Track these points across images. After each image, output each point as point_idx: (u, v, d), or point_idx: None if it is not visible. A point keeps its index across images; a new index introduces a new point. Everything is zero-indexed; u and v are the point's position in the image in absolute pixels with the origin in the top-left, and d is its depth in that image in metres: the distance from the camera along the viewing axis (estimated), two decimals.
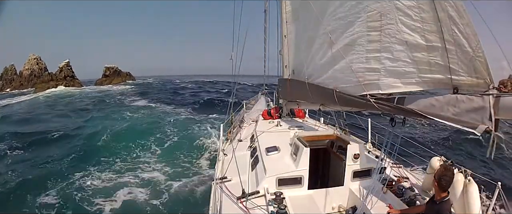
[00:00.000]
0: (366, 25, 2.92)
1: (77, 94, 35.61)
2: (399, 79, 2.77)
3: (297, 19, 5.08)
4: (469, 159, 9.24)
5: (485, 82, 2.18)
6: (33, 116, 19.82)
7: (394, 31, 2.64)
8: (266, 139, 4.51)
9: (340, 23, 3.28)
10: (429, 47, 2.43)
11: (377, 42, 2.86)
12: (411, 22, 2.51)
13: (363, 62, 3.08)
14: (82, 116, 19.58)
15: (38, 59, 49.78)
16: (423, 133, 12.42)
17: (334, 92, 3.42)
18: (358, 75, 3.12)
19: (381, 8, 2.71)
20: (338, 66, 3.48)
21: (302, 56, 4.71)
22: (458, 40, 2.22)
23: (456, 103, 2.25)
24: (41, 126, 15.98)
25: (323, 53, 3.82)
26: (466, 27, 2.17)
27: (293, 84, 5.17)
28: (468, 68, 2.24)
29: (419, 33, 2.46)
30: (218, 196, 3.48)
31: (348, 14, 3.15)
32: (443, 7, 2.24)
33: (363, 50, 3.03)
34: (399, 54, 2.68)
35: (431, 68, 2.48)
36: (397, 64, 2.73)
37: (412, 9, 2.46)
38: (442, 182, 2.35)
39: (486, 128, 2.06)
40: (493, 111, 2.04)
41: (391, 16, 2.63)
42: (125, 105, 24.58)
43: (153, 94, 33.93)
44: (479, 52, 2.15)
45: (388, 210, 2.97)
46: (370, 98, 2.88)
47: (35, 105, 26.69)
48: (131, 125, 15.04)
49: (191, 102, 24.69)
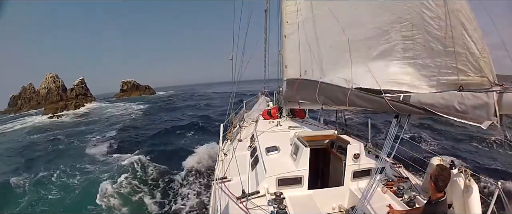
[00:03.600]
0: (400, 35, 3.18)
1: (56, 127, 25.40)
2: (425, 83, 2.97)
3: (305, 19, 5.07)
4: (469, 159, 9.23)
5: (488, 80, 2.36)
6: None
7: (423, 40, 2.90)
8: (266, 139, 4.51)
9: (377, 32, 3.50)
10: (447, 52, 2.64)
11: (411, 50, 3.11)
12: (433, 31, 2.74)
13: (394, 68, 3.32)
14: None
15: (54, 77, 48.54)
16: (423, 133, 12.41)
17: (349, 92, 3.59)
18: (383, 79, 3.34)
19: (412, 20, 2.97)
20: (362, 70, 3.67)
21: (315, 57, 4.84)
22: (467, 43, 2.42)
23: (462, 100, 2.40)
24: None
25: (347, 56, 3.98)
26: (474, 32, 2.37)
27: (302, 85, 5.18)
28: (475, 68, 2.43)
29: (440, 40, 2.69)
30: (218, 196, 3.48)
31: (383, 24, 3.40)
32: (456, 15, 2.45)
33: (399, 57, 3.26)
34: (425, 60, 2.92)
35: (448, 70, 2.68)
36: (425, 69, 2.96)
37: (433, 19, 2.71)
38: (439, 183, 2.34)
39: (491, 123, 2.21)
40: (497, 106, 2.18)
41: (419, 27, 2.91)
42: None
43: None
44: (484, 53, 2.34)
45: (388, 210, 2.97)
46: (384, 97, 3.06)
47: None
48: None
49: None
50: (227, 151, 5.13)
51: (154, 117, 25.96)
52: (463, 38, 2.43)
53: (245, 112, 8.47)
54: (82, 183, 8.93)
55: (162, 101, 42.94)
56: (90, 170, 10.17)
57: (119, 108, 37.45)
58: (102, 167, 10.35)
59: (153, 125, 20.87)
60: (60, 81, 48.76)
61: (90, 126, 23.75)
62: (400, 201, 3.13)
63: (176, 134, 15.66)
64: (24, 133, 23.30)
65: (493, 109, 2.18)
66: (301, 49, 5.37)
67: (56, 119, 32.94)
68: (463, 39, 2.43)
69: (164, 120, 22.83)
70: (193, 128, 16.48)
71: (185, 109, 30.08)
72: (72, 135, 19.27)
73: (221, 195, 3.45)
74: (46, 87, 47.61)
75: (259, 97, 9.36)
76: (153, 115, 27.29)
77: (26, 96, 50.98)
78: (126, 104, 41.06)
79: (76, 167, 10.50)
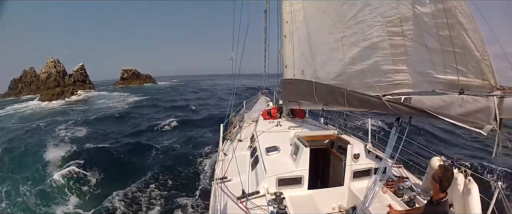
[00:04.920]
0: (386, 30, 3.07)
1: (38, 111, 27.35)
2: (418, 80, 2.93)
3: (303, 19, 5.07)
4: (469, 158, 9.23)
5: (490, 84, 2.31)
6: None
7: (416, 36, 2.80)
8: (266, 139, 4.51)
9: (359, 27, 3.42)
10: (444, 51, 2.57)
11: (401, 47, 3.01)
12: (428, 28, 2.65)
13: (384, 65, 3.24)
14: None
15: (55, 62, 48.02)
16: (423, 132, 12.41)
17: (345, 92, 3.53)
18: (375, 77, 3.28)
19: (400, 14, 2.86)
20: (354, 68, 3.60)
21: (309, 56, 4.77)
22: (467, 44, 2.35)
23: (462, 104, 2.36)
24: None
25: (335, 54, 3.93)
26: (474, 33, 2.29)
27: (298, 85, 5.18)
28: (476, 71, 2.37)
29: (435, 38, 2.61)
30: (218, 196, 3.48)
31: (366, 19, 3.29)
32: (453, 14, 2.36)
33: (387, 53, 3.18)
34: (420, 57, 2.84)
35: (446, 70, 2.63)
36: (419, 66, 2.89)
37: (427, 15, 2.62)
38: (443, 183, 2.35)
39: (492, 127, 2.16)
40: (498, 111, 2.13)
41: (411, 22, 2.80)
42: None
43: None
44: (485, 56, 2.28)
45: (388, 210, 2.97)
46: (382, 97, 3.00)
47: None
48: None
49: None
50: (227, 151, 5.13)
51: (144, 110, 24.11)
52: (462, 39, 2.37)
53: (245, 112, 8.47)
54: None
55: (160, 93, 41.41)
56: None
57: (113, 99, 35.59)
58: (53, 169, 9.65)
59: (138, 120, 19.51)
60: (61, 66, 48.42)
61: (71, 116, 21.89)
62: (400, 201, 3.13)
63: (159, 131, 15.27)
64: (12, 120, 22.60)
65: (493, 113, 2.15)
66: (297, 49, 5.38)
67: (46, 104, 32.86)
68: (462, 40, 2.37)
69: (152, 116, 20.88)
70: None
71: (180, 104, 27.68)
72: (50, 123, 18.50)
73: (221, 195, 3.45)
74: (47, 72, 47.10)
75: (259, 97, 9.37)
76: (144, 108, 25.43)
77: (26, 80, 50.14)
78: (123, 94, 39.69)
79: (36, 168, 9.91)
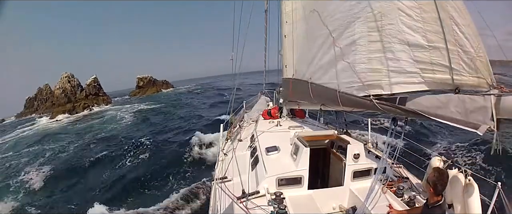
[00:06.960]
0: (366, 26, 2.92)
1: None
2: (401, 80, 2.77)
3: (299, 19, 5.08)
4: (469, 158, 9.23)
5: (486, 82, 2.21)
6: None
7: (395, 32, 2.65)
8: (266, 139, 4.51)
9: (340, 23, 3.31)
10: (431, 47, 2.44)
11: (378, 42, 2.87)
12: (412, 23, 2.51)
13: (365, 63, 3.10)
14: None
15: (69, 77, 46.44)
16: (423, 132, 12.40)
17: (337, 93, 3.45)
18: (361, 75, 3.13)
19: (381, 9, 2.71)
20: (340, 67, 3.50)
21: (304, 56, 4.72)
22: (460, 40, 2.23)
23: (458, 103, 2.27)
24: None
25: (324, 53, 3.85)
26: (467, 27, 2.18)
27: (296, 85, 5.18)
28: (470, 68, 2.26)
29: (420, 33, 2.47)
30: (218, 196, 3.48)
31: (348, 15, 3.16)
32: (444, 7, 2.25)
33: (365, 50, 3.03)
34: (400, 54, 2.69)
35: (434, 68, 2.49)
36: (399, 64, 2.73)
37: (413, 9, 2.47)
38: (438, 187, 2.28)
39: (488, 127, 2.09)
40: (495, 110, 2.06)
41: (391, 17, 2.64)
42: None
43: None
44: (480, 53, 2.17)
45: (388, 210, 2.97)
46: (373, 98, 2.90)
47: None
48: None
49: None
50: (227, 151, 5.13)
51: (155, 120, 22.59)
52: (454, 34, 2.24)
53: (245, 112, 8.47)
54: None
55: (172, 100, 39.46)
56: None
57: (124, 112, 32.51)
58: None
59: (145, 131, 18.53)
60: (76, 80, 47.13)
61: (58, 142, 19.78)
62: (400, 201, 3.12)
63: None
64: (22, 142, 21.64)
65: (490, 112, 2.07)
66: (295, 49, 5.38)
67: (52, 123, 32.24)
68: (454, 35, 2.25)
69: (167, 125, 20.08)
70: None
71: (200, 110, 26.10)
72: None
73: (221, 195, 3.45)
74: (61, 87, 45.56)
75: (259, 97, 9.37)
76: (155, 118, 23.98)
77: (42, 97, 49.17)
78: (135, 106, 36.46)
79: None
